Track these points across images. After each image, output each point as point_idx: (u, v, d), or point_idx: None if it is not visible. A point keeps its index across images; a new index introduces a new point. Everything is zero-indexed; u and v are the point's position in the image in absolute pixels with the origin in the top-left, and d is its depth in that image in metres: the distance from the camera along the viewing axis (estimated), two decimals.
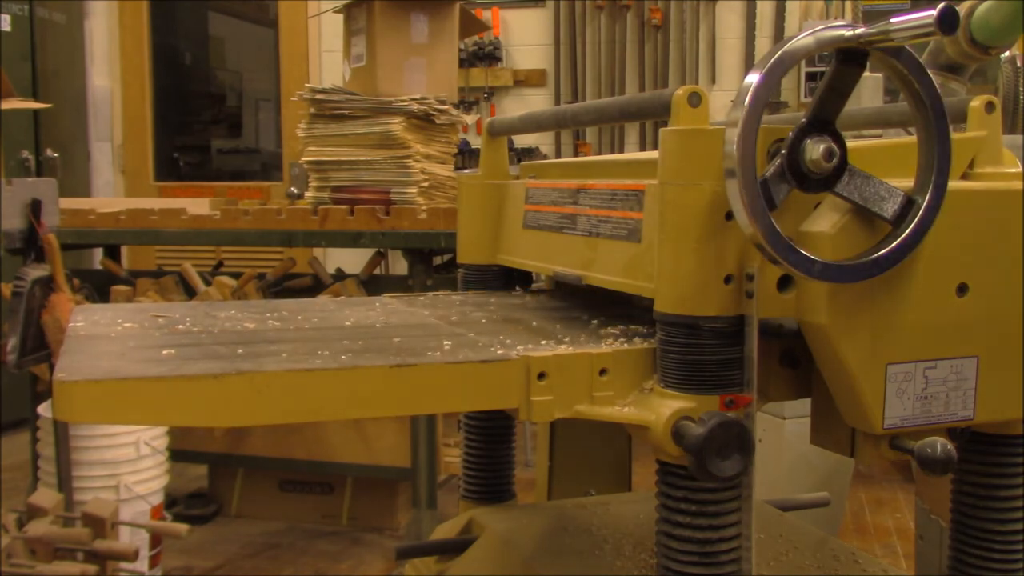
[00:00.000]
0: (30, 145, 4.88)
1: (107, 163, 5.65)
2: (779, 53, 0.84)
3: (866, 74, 0.90)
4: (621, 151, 5.11)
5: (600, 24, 5.18)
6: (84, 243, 3.40)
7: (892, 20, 0.83)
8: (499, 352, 0.94)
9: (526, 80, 5.32)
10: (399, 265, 4.58)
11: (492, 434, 1.42)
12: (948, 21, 0.80)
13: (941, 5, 0.80)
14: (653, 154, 0.97)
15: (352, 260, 4.24)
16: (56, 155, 5.02)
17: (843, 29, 0.86)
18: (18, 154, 4.79)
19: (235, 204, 3.35)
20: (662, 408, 0.90)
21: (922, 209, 0.88)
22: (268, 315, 1.15)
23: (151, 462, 2.75)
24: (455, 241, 1.43)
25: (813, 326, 0.90)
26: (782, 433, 2.86)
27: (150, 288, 3.21)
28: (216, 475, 3.59)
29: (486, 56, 5.25)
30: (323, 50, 5.45)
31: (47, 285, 2.19)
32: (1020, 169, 1.03)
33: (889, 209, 0.89)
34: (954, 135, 0.90)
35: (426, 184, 2.90)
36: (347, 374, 0.87)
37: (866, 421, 0.93)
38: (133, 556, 2.19)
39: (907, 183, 0.91)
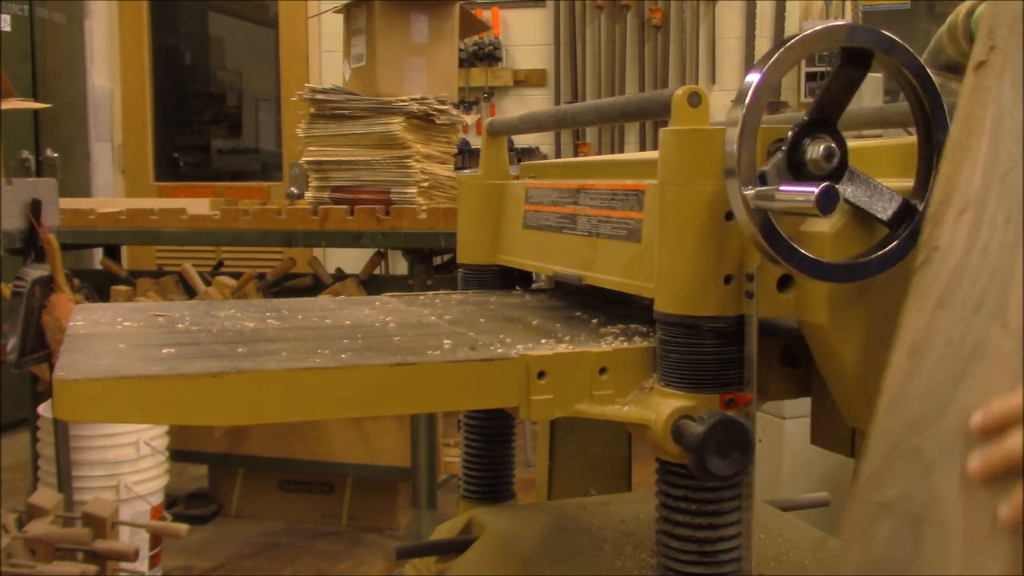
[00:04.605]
0: (30, 145, 4.88)
1: (107, 163, 5.65)
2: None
3: None
4: (621, 151, 5.11)
5: (600, 24, 5.18)
6: (84, 243, 3.40)
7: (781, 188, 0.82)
8: (499, 351, 0.94)
9: (526, 80, 5.32)
10: (399, 265, 4.58)
11: (492, 434, 1.42)
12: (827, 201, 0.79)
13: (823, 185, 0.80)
14: (653, 154, 0.97)
15: (352, 260, 4.24)
16: (56, 155, 5.02)
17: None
18: (18, 154, 4.79)
19: (235, 204, 3.35)
20: (662, 407, 0.90)
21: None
22: (268, 314, 1.15)
23: (151, 462, 2.75)
24: (455, 241, 1.43)
25: (813, 326, 0.90)
26: (782, 433, 2.86)
27: (150, 288, 3.21)
28: (216, 475, 3.59)
29: (486, 56, 5.25)
30: (323, 50, 5.45)
31: (47, 285, 2.19)
32: None
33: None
34: None
35: (426, 184, 2.90)
36: (347, 373, 0.87)
37: (866, 421, 0.92)
38: (133, 556, 2.19)
39: (907, 183, 0.91)
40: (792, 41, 0.85)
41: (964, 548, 0.53)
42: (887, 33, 0.87)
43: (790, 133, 0.87)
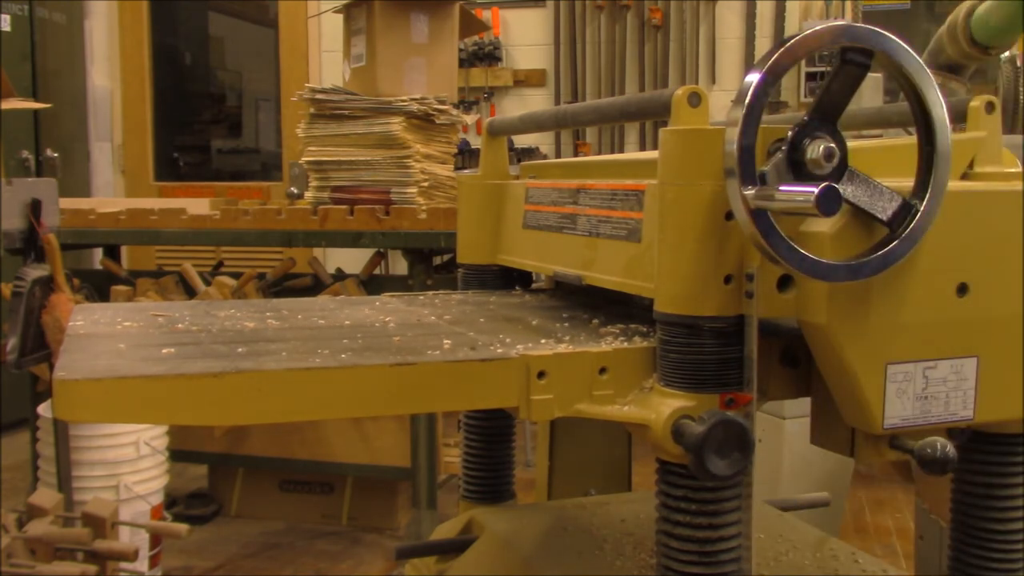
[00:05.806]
0: (30, 145, 4.88)
1: (107, 163, 5.65)
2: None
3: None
4: (621, 151, 5.11)
5: (600, 24, 5.18)
6: (84, 243, 3.40)
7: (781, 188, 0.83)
8: (499, 351, 0.94)
9: (526, 80, 5.32)
10: (399, 265, 4.58)
11: (492, 434, 1.42)
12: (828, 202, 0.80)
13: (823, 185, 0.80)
14: (653, 154, 0.97)
15: (352, 260, 4.24)
16: (56, 155, 5.02)
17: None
18: (18, 154, 4.79)
19: (235, 204, 3.35)
20: (662, 407, 0.90)
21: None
22: (268, 314, 1.15)
23: (151, 462, 2.75)
24: (455, 241, 1.43)
25: (813, 326, 0.90)
26: (782, 433, 2.86)
27: (150, 288, 3.21)
28: (216, 475, 3.59)
29: (486, 56, 5.25)
30: (323, 50, 5.45)
31: (47, 285, 2.19)
32: (1020, 169, 1.03)
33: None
34: (954, 135, 0.90)
35: (426, 184, 2.90)
36: (347, 373, 0.87)
37: (866, 421, 0.93)
38: (133, 556, 2.19)
39: (907, 183, 0.91)
40: (792, 41, 0.85)
41: None
42: (887, 33, 0.87)
43: (790, 133, 0.87)
